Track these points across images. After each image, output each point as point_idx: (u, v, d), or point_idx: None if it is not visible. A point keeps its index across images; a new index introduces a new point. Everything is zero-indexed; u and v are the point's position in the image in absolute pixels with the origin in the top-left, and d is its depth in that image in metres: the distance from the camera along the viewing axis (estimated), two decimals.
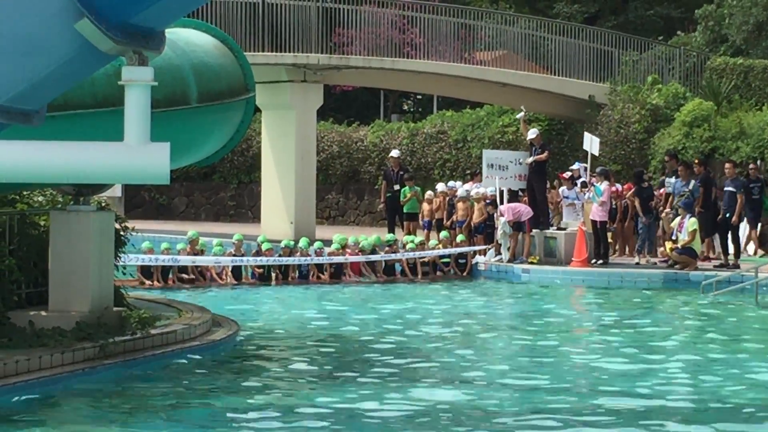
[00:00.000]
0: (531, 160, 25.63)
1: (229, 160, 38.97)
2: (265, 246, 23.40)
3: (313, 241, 24.65)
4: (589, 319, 19.14)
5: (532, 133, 26.10)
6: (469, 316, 18.69)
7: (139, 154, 10.90)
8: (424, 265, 24.60)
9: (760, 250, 25.84)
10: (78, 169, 11.08)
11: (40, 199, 15.20)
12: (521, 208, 24.98)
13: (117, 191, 34.78)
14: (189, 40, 14.61)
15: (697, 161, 25.29)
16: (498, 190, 25.75)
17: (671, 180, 25.03)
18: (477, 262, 25.00)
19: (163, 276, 22.14)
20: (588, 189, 25.01)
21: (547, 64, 34.00)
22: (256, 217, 35.82)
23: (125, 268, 16.46)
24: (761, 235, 27.10)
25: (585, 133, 26.92)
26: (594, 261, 24.22)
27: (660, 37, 39.15)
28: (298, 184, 31.38)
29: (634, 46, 33.88)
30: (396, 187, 28.35)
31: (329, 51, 31.59)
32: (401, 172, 28.80)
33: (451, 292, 22.29)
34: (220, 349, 14.13)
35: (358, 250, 24.08)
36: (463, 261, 24.96)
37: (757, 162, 27.19)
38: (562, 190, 25.90)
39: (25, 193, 14.85)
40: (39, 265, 13.68)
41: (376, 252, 24.29)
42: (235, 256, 23.10)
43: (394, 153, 30.13)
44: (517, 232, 24.80)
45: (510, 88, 32.61)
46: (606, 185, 24.51)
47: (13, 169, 11.04)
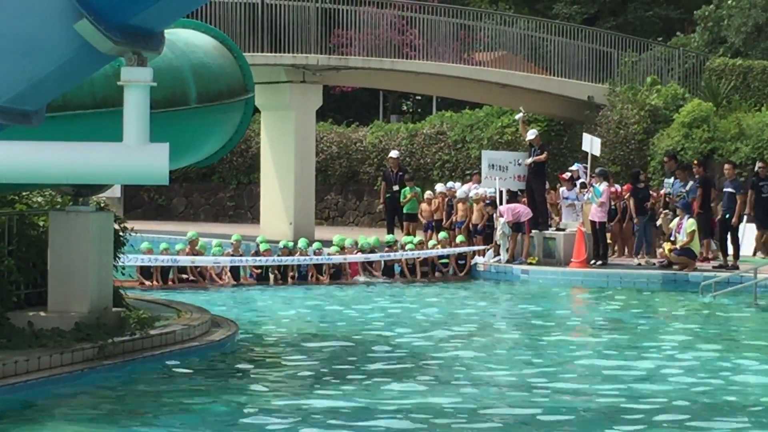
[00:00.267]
0: (530, 161, 25.64)
1: (228, 161, 38.99)
2: (263, 247, 23.40)
3: (312, 242, 24.65)
4: (587, 319, 19.14)
5: (531, 134, 26.11)
6: (468, 316, 18.69)
7: (138, 155, 10.90)
8: (423, 266, 24.61)
9: (759, 252, 25.82)
10: (77, 169, 11.07)
11: (39, 199, 15.19)
12: (520, 208, 24.99)
13: (116, 192, 34.77)
14: (188, 41, 14.62)
15: (696, 162, 25.29)
16: (498, 191, 25.76)
17: (669, 181, 25.07)
18: (476, 263, 25.00)
19: (163, 277, 22.15)
20: (587, 190, 25.03)
21: (546, 64, 34.02)
22: (255, 218, 35.84)
23: (124, 268, 16.46)
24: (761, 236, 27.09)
25: (584, 134, 26.91)
26: (593, 262, 24.24)
27: (659, 38, 39.18)
28: (297, 185, 31.39)
29: (633, 47, 33.90)
30: (395, 187, 28.35)
31: (328, 52, 31.62)
32: (400, 173, 28.80)
33: (450, 293, 22.30)
34: (219, 349, 14.13)
35: (357, 251, 24.09)
36: (462, 262, 24.97)
37: (757, 163, 27.19)
38: (561, 190, 25.92)
39: (24, 193, 14.85)
40: (38, 266, 13.68)
41: (375, 253, 24.30)
42: (233, 256, 23.10)
43: (393, 154, 30.14)
44: (516, 233, 24.81)
45: (509, 89, 32.62)
46: (605, 186, 24.53)
47: (12, 169, 11.04)
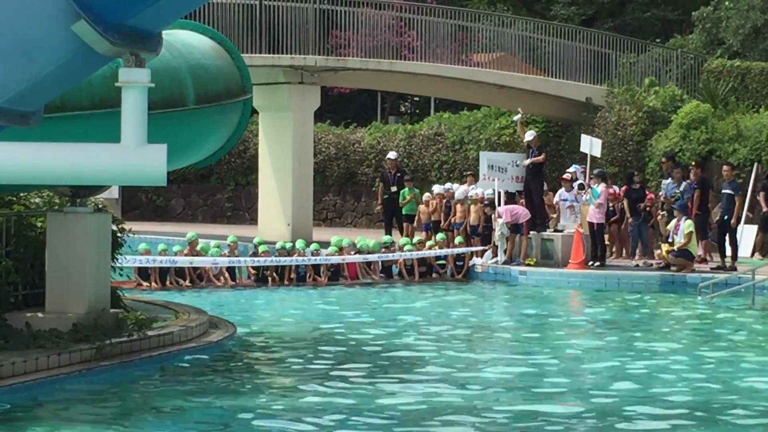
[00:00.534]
0: (528, 162, 25.64)
1: (226, 162, 38.96)
2: (261, 249, 23.39)
3: (309, 243, 24.64)
4: (585, 320, 19.14)
5: (530, 135, 26.11)
6: (466, 317, 18.69)
7: (136, 156, 10.90)
8: (422, 266, 24.60)
9: (757, 253, 25.83)
10: (75, 170, 11.08)
11: (37, 200, 15.20)
12: (519, 210, 24.99)
13: (114, 193, 34.74)
14: (186, 42, 14.62)
15: (693, 163, 25.29)
16: (496, 192, 25.75)
17: (667, 181, 25.06)
18: (474, 264, 25.00)
19: (161, 278, 22.14)
20: (585, 191, 25.04)
21: (545, 66, 34.01)
22: (253, 219, 35.83)
23: (122, 269, 16.45)
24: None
25: (583, 136, 26.89)
26: (591, 263, 24.24)
27: (657, 40, 39.18)
28: (295, 186, 31.38)
29: (631, 48, 33.88)
30: (393, 188, 28.36)
31: (326, 53, 31.61)
32: (398, 174, 28.81)
33: (448, 294, 22.29)
34: (216, 350, 14.13)
35: (355, 252, 24.09)
36: (460, 263, 24.97)
37: (755, 164, 27.22)
38: (560, 192, 25.91)
39: (22, 194, 14.85)
40: (36, 267, 13.68)
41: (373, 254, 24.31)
42: (230, 257, 23.09)
43: (391, 155, 30.14)
44: (514, 234, 24.81)
45: (507, 90, 32.61)
46: (603, 187, 24.54)
47: (10, 170, 11.04)
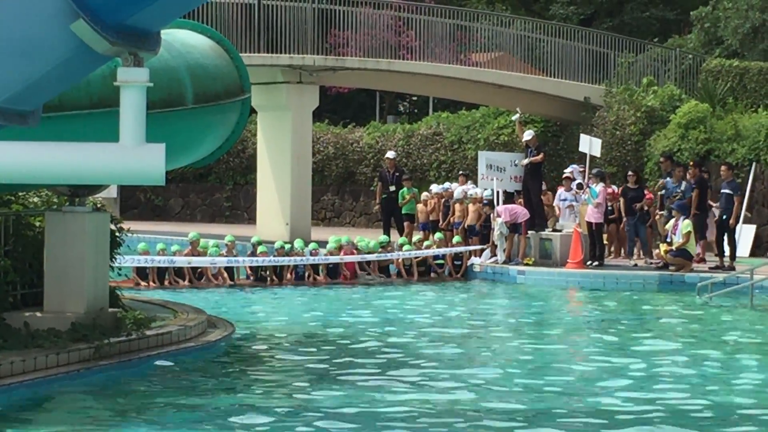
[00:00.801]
0: (526, 161, 25.63)
1: (224, 162, 38.96)
2: (260, 249, 23.37)
3: (308, 243, 24.63)
4: (584, 320, 19.14)
5: (528, 135, 26.11)
6: (464, 317, 18.70)
7: (134, 155, 10.89)
8: (421, 266, 24.59)
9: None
10: (73, 169, 11.07)
11: (36, 200, 15.18)
12: (518, 209, 24.99)
13: (112, 192, 34.72)
14: (185, 42, 14.62)
15: (692, 163, 25.29)
16: (495, 192, 25.74)
17: (664, 181, 25.02)
18: (472, 264, 25.00)
19: (159, 277, 22.13)
20: (583, 191, 25.04)
21: (543, 65, 34.02)
22: (251, 219, 35.83)
23: (120, 269, 16.45)
24: (756, 237, 27.12)
25: (582, 135, 26.89)
26: (589, 262, 24.24)
27: (656, 39, 39.18)
28: (293, 186, 31.38)
29: (630, 48, 33.89)
30: (391, 188, 28.36)
31: (325, 52, 31.61)
32: (397, 174, 28.81)
33: (447, 294, 22.29)
34: (215, 350, 14.13)
35: (353, 249, 24.08)
36: (458, 263, 24.96)
37: (753, 164, 27.21)
38: (559, 192, 25.90)
39: (20, 193, 14.84)
40: (34, 266, 13.66)
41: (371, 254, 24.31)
42: (227, 257, 23.08)
43: (390, 154, 30.14)
44: (512, 234, 24.81)
45: (505, 90, 32.62)
46: (601, 187, 24.54)
47: (8, 169, 11.03)
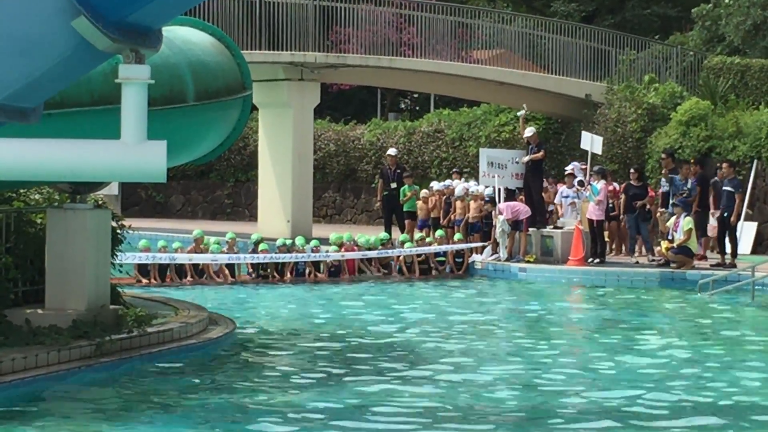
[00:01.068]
0: (527, 159, 25.62)
1: (226, 159, 38.97)
2: (261, 247, 23.37)
3: (309, 240, 24.64)
4: (585, 317, 19.14)
5: (528, 132, 26.11)
6: (466, 314, 18.69)
7: (135, 152, 10.89)
8: (423, 264, 24.59)
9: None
10: (75, 167, 11.07)
11: (37, 197, 15.19)
12: (520, 207, 24.98)
13: (114, 189, 34.76)
14: (186, 39, 14.61)
15: (692, 160, 25.26)
16: (496, 189, 25.74)
17: (672, 178, 24.93)
18: (474, 261, 24.99)
19: (160, 274, 22.14)
20: (585, 188, 25.03)
21: (544, 62, 34.02)
22: (252, 216, 35.84)
23: (122, 266, 16.45)
24: (758, 235, 27.10)
25: (583, 133, 26.88)
26: (591, 260, 24.24)
27: (657, 36, 39.17)
28: (294, 183, 31.39)
29: (632, 45, 33.88)
30: (393, 185, 28.35)
31: (326, 49, 31.62)
32: (398, 171, 28.80)
33: (448, 291, 22.29)
34: (216, 347, 14.13)
35: (354, 247, 24.09)
36: (460, 260, 24.96)
37: (755, 161, 27.19)
38: (561, 189, 25.87)
39: (21, 190, 14.84)
40: (36, 263, 13.67)
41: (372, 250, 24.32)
42: (228, 254, 23.08)
43: (391, 151, 30.13)
44: (514, 231, 24.81)
45: (507, 87, 32.62)
46: (603, 184, 24.53)
47: (9, 166, 11.03)
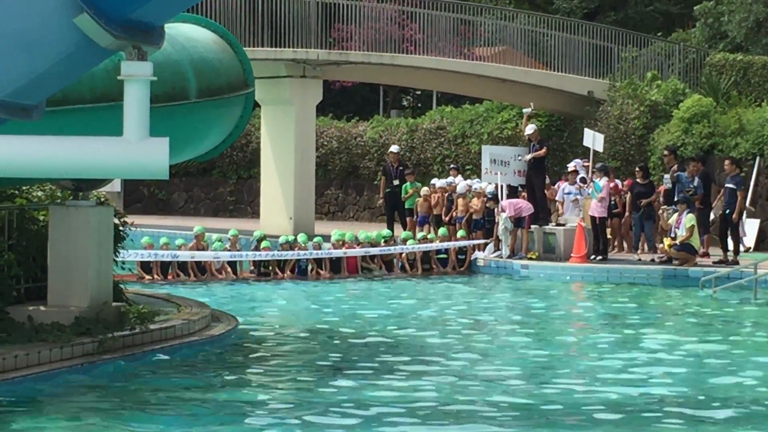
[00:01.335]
0: (529, 157, 25.60)
1: (228, 156, 38.96)
2: (263, 244, 23.38)
3: (312, 237, 24.64)
4: (587, 314, 19.14)
5: (530, 129, 26.10)
6: (468, 311, 18.70)
7: (138, 149, 10.89)
8: (425, 261, 24.59)
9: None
10: (77, 163, 11.07)
11: (40, 194, 15.20)
12: (522, 204, 24.98)
13: (116, 186, 34.70)
14: (188, 36, 14.61)
15: (694, 158, 25.25)
16: (499, 186, 25.72)
17: (668, 176, 24.94)
18: (476, 258, 24.99)
19: (163, 271, 22.15)
20: (587, 185, 25.02)
21: (547, 59, 33.99)
22: (255, 213, 35.83)
23: (124, 263, 16.46)
24: (760, 232, 27.09)
25: (585, 130, 26.88)
26: (593, 257, 24.24)
27: (659, 33, 39.13)
28: (297, 180, 31.39)
29: (634, 42, 33.86)
30: (395, 182, 28.36)
31: (328, 46, 31.62)
32: (400, 168, 28.81)
33: (451, 288, 22.29)
34: (219, 344, 14.13)
35: (356, 245, 24.08)
36: (462, 257, 24.96)
37: (757, 158, 27.18)
38: (563, 186, 25.88)
39: (24, 187, 14.85)
40: (38, 260, 13.67)
41: (375, 246, 24.30)
42: (230, 251, 23.09)
43: (394, 148, 30.12)
44: (516, 228, 24.81)
45: (509, 84, 32.61)
46: (605, 181, 24.53)
47: (12, 163, 11.04)
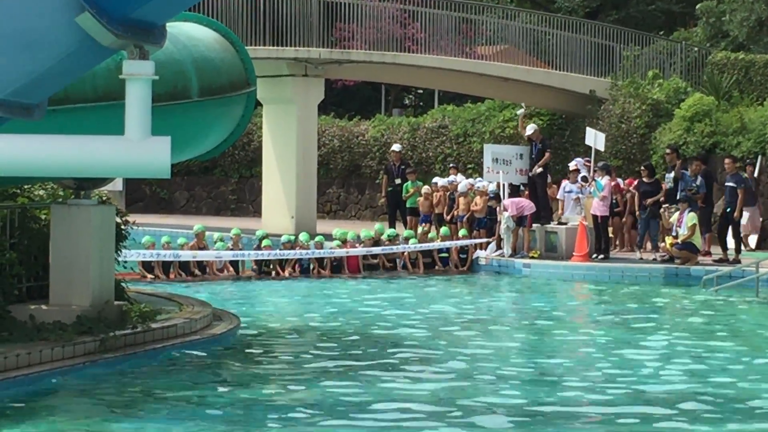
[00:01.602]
0: (539, 169, 25.48)
1: (230, 155, 38.97)
2: (265, 243, 23.38)
3: (313, 236, 24.65)
4: (589, 313, 19.14)
5: (530, 129, 26.10)
6: (470, 310, 18.70)
7: (140, 148, 10.90)
8: (427, 258, 24.58)
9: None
10: (79, 163, 11.09)
11: (41, 192, 15.20)
12: (524, 203, 24.98)
13: (118, 185, 34.69)
14: (190, 34, 14.61)
15: (696, 157, 25.25)
16: (501, 185, 25.72)
17: (670, 175, 24.92)
18: (478, 257, 24.99)
19: (164, 270, 22.15)
20: (589, 184, 25.02)
21: (549, 58, 34.00)
22: (257, 212, 35.84)
23: (126, 262, 16.46)
24: (762, 230, 27.07)
25: (588, 129, 26.88)
26: (595, 256, 24.23)
27: (661, 32, 39.13)
28: (299, 179, 31.40)
29: (636, 41, 33.85)
30: (397, 181, 28.37)
31: (330, 45, 31.63)
32: (402, 167, 28.82)
33: (452, 286, 22.29)
34: (220, 343, 14.13)
35: (357, 245, 24.08)
36: (464, 255, 24.96)
37: (759, 157, 27.16)
38: (565, 184, 25.87)
39: (26, 186, 14.85)
40: (40, 259, 13.68)
41: (379, 243, 24.31)
42: (232, 250, 23.10)
43: (395, 147, 30.14)
44: (518, 227, 24.80)
45: (511, 83, 32.60)
46: (607, 180, 24.52)
47: (14, 162, 11.05)
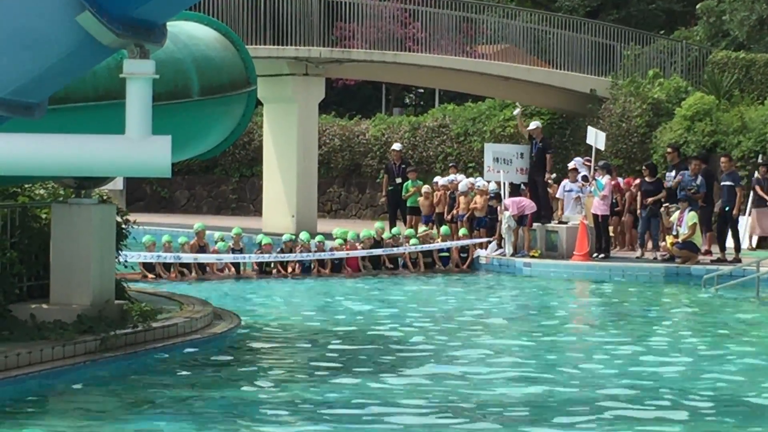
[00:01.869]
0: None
1: (230, 154, 38.99)
2: (264, 240, 23.38)
3: (314, 235, 24.65)
4: (589, 312, 19.15)
5: (533, 125, 26.11)
6: (470, 309, 18.68)
7: (140, 148, 10.90)
8: (427, 257, 24.57)
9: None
10: (79, 162, 11.07)
11: (42, 192, 15.20)
12: (525, 202, 24.98)
13: (118, 184, 34.74)
14: (191, 34, 14.61)
15: (696, 156, 25.24)
16: (502, 184, 25.73)
17: (671, 174, 24.92)
18: (478, 256, 24.99)
19: (165, 269, 22.14)
20: (589, 183, 25.02)
21: (549, 57, 33.99)
22: (257, 211, 35.85)
23: (126, 262, 16.47)
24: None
25: (589, 128, 26.88)
26: (595, 255, 24.24)
27: (662, 31, 39.13)
28: (299, 178, 31.40)
29: (636, 40, 33.85)
30: (398, 180, 28.37)
31: (331, 44, 31.63)
32: (403, 166, 28.82)
33: (453, 286, 22.29)
34: (221, 342, 14.14)
35: (357, 244, 24.07)
36: (464, 255, 24.96)
37: (760, 156, 27.16)
38: (565, 183, 25.88)
39: (26, 186, 14.85)
40: (40, 258, 13.68)
41: (380, 242, 24.31)
42: (233, 249, 23.11)
43: (396, 146, 30.14)
44: (519, 226, 24.80)
45: (512, 82, 32.61)
46: (607, 179, 24.52)
47: (14, 162, 11.04)
